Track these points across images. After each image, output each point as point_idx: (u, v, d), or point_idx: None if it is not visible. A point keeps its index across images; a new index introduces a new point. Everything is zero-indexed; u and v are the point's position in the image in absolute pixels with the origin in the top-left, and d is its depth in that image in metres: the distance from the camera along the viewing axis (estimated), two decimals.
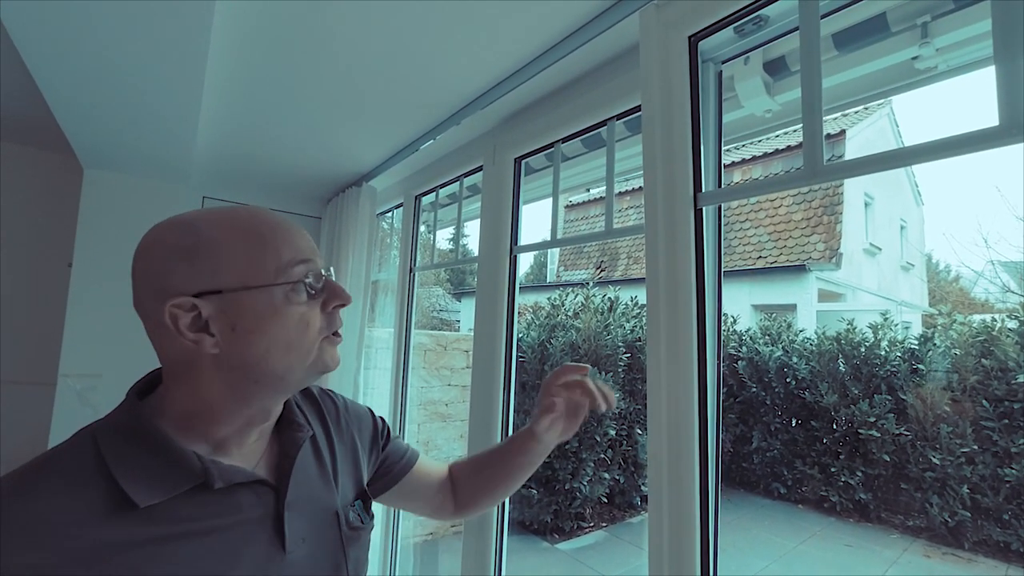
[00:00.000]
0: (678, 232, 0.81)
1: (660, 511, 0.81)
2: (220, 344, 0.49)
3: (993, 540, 3.79)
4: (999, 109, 0.51)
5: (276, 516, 0.53)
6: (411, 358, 1.98)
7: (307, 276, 0.53)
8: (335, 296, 0.55)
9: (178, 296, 0.48)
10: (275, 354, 0.51)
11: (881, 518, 4.46)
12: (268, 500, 0.53)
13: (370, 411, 0.77)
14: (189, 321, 0.49)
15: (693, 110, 0.83)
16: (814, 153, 0.68)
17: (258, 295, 0.50)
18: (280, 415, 0.60)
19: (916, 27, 0.84)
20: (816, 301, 6.75)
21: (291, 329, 0.51)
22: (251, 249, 0.50)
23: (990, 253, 8.84)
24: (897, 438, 4.31)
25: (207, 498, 0.49)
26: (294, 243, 0.53)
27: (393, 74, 1.20)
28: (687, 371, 0.80)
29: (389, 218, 2.43)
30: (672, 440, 0.80)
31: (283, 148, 1.80)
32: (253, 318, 0.50)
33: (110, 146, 1.63)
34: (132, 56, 1.05)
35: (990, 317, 4.27)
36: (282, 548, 0.52)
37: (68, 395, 1.77)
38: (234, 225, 0.51)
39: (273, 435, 0.59)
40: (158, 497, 0.46)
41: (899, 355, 4.52)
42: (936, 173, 30.97)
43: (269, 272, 0.50)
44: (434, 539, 3.94)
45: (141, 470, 0.47)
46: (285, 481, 0.55)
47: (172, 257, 0.49)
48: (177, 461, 0.48)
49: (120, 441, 0.48)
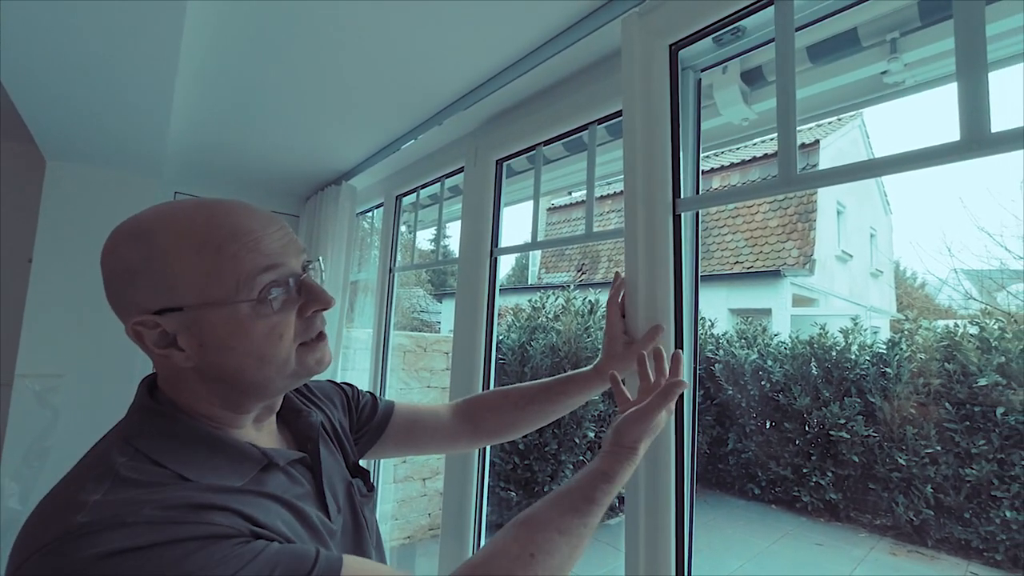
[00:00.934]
0: (657, 237, 0.82)
1: (636, 513, 0.81)
2: (192, 358, 0.48)
3: (955, 538, 3.95)
4: (960, 124, 0.52)
5: (318, 490, 0.56)
6: (390, 359, 1.95)
7: (273, 287, 0.49)
8: (314, 300, 0.52)
9: (140, 313, 0.46)
10: (249, 367, 0.49)
11: (850, 517, 4.59)
12: (307, 476, 0.56)
13: (331, 382, 0.78)
14: (156, 337, 0.47)
15: (673, 117, 0.84)
16: (788, 162, 0.70)
17: (220, 311, 0.47)
18: (281, 406, 0.61)
19: (885, 43, 0.87)
20: (790, 306, 6.93)
21: (261, 343, 0.49)
22: (208, 262, 0.46)
23: (953, 261, 9.24)
24: (866, 439, 4.45)
25: (274, 475, 0.51)
26: (258, 248, 0.48)
27: (375, 71, 1.18)
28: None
29: (370, 217, 2.40)
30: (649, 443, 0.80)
31: (260, 143, 1.76)
32: (220, 335, 0.47)
33: (76, 137, 1.56)
34: (100, 41, 1.01)
35: (953, 323, 4.44)
36: (328, 519, 0.55)
37: (26, 396, 1.69)
38: (190, 233, 0.47)
39: (281, 424, 0.61)
40: (242, 480, 0.48)
41: (868, 359, 4.67)
42: (904, 184, 32.23)
43: (229, 287, 0.47)
44: (411, 543, 3.90)
45: (212, 468, 0.47)
46: (316, 459, 0.58)
47: (128, 271, 0.47)
48: (237, 452, 0.50)
49: (177, 448, 0.47)
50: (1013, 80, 1.31)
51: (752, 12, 0.76)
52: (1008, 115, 0.68)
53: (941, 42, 0.84)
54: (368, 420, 0.76)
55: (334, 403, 0.73)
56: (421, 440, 0.82)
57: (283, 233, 0.52)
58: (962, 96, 0.52)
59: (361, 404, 0.77)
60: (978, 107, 0.50)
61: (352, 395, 0.77)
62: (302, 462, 0.56)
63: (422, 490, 4.02)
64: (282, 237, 0.51)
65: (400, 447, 0.81)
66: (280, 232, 0.51)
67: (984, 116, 0.50)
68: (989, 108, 0.50)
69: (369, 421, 0.76)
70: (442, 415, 0.83)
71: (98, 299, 0.49)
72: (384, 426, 0.77)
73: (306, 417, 0.62)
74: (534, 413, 0.83)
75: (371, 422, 0.76)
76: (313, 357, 0.53)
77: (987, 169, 23.75)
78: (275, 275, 0.49)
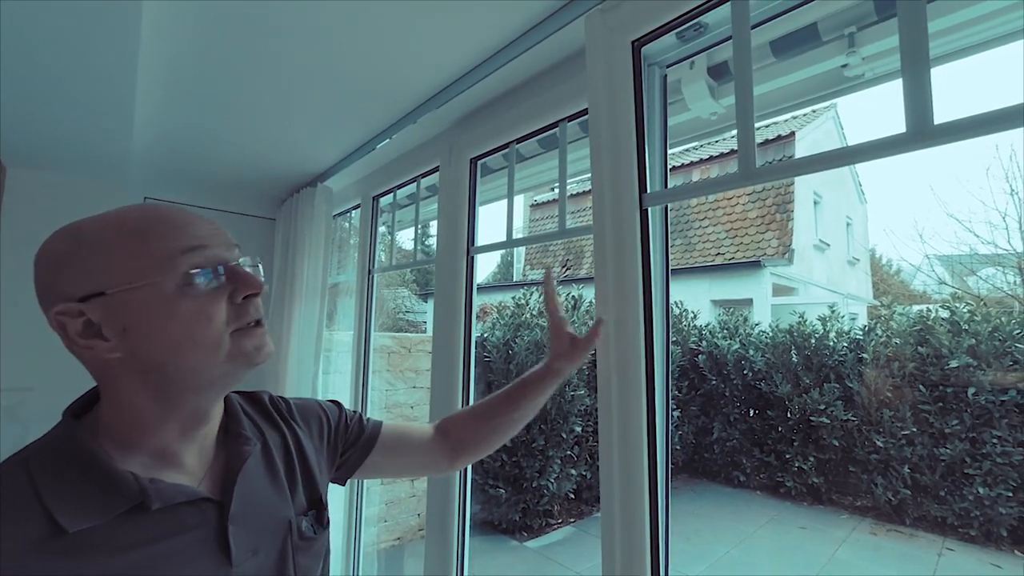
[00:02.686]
0: (624, 232, 0.83)
1: (611, 509, 0.82)
2: (117, 348, 0.47)
3: (931, 515, 4.07)
4: (905, 117, 0.55)
5: (220, 531, 0.51)
6: (374, 361, 1.94)
7: (198, 265, 0.48)
8: (243, 285, 0.51)
9: (62, 302, 0.46)
10: (178, 352, 0.48)
11: (832, 500, 4.71)
12: (211, 515, 0.52)
13: (317, 403, 0.76)
14: (80, 327, 0.47)
15: (637, 113, 0.85)
16: (748, 156, 0.71)
17: (143, 292, 0.46)
18: (226, 426, 0.58)
19: (844, 37, 0.89)
20: (771, 295, 7.06)
21: (188, 324, 0.48)
22: (132, 244, 0.47)
23: (926, 248, 9.52)
24: (845, 424, 4.56)
25: (146, 519, 0.47)
26: (184, 231, 0.49)
27: (346, 69, 1.17)
28: (635, 368, 0.81)
29: (349, 218, 2.37)
30: (622, 437, 0.82)
31: (231, 146, 1.72)
32: (143, 318, 0.47)
33: (36, 143, 1.52)
34: (56, 44, 0.98)
35: (926, 307, 4.57)
36: (228, 562, 0.51)
37: None
38: (117, 222, 0.48)
39: (219, 446, 0.57)
40: (91, 521, 0.44)
41: (846, 345, 4.78)
42: (877, 173, 33.07)
43: (152, 267, 0.47)
44: (400, 544, 3.89)
45: (74, 494, 0.45)
46: (229, 495, 0.53)
47: (55, 263, 0.47)
48: (112, 482, 0.46)
49: (52, 465, 0.46)
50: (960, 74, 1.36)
51: (710, 8, 0.77)
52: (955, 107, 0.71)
53: (896, 36, 0.86)
54: (355, 441, 0.75)
55: (310, 427, 0.70)
56: (404, 458, 0.81)
57: (212, 226, 0.52)
58: (907, 91, 0.54)
59: (348, 424, 0.75)
60: (921, 101, 0.52)
61: (337, 417, 0.75)
62: (207, 499, 0.52)
63: (411, 491, 4.01)
64: (210, 228, 0.52)
65: (388, 468, 0.80)
66: (209, 225, 0.52)
67: (927, 109, 0.52)
68: (932, 102, 0.52)
69: (356, 442, 0.75)
70: (426, 434, 0.83)
71: None
72: (371, 446, 0.76)
73: (241, 444, 0.58)
74: (503, 423, 0.84)
75: (357, 442, 0.75)
76: (251, 343, 0.52)
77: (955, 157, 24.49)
78: (200, 257, 0.49)
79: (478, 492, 4.20)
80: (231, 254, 0.52)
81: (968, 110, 0.52)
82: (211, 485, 0.54)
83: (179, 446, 0.52)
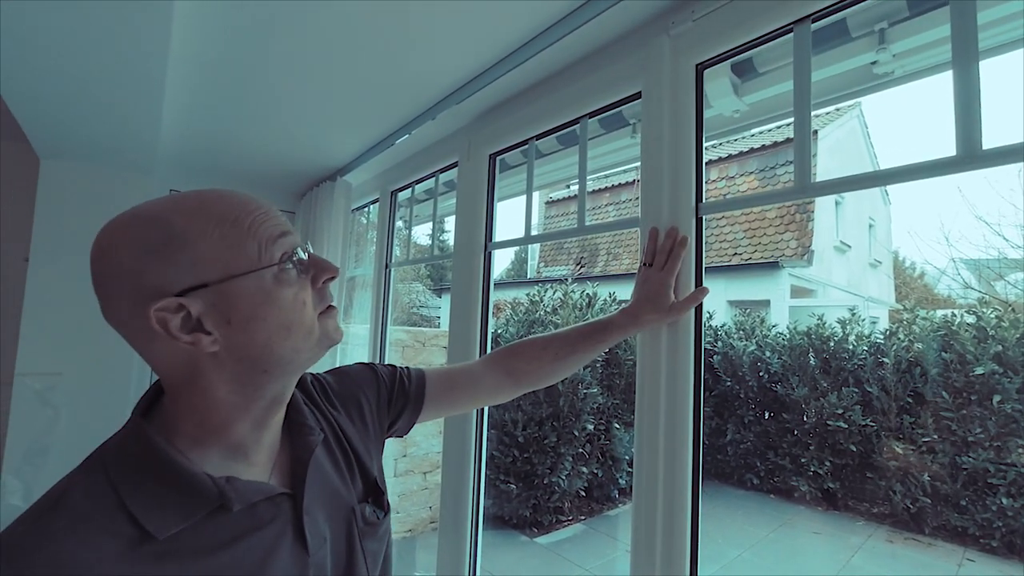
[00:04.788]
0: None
1: (653, 508, 0.83)
2: (219, 340, 0.46)
3: (952, 525, 3.98)
4: (956, 140, 0.59)
5: (296, 522, 0.52)
6: (389, 355, 1.96)
7: (292, 251, 0.50)
8: (323, 270, 0.52)
9: (161, 298, 0.44)
10: (278, 340, 0.48)
11: (848, 506, 4.63)
12: (286, 508, 0.52)
13: (361, 366, 0.76)
14: (179, 322, 0.45)
15: (697, 130, 0.88)
16: (804, 171, 0.75)
17: (246, 282, 0.46)
18: (288, 416, 0.58)
19: (874, 33, 0.87)
20: (788, 297, 6.94)
21: (288, 311, 0.49)
22: (228, 234, 0.46)
23: (951, 251, 9.24)
24: (863, 429, 4.48)
25: (226, 518, 0.47)
26: (270, 218, 0.50)
27: (369, 67, 1.18)
28: (684, 372, 0.83)
29: (367, 213, 2.40)
30: (668, 438, 0.83)
31: (254, 140, 1.75)
32: (247, 307, 0.46)
33: (68, 136, 1.56)
34: (89, 42, 1.01)
35: (951, 312, 4.45)
36: (305, 551, 0.52)
37: (26, 395, 1.70)
38: (205, 210, 0.46)
39: (284, 436, 0.57)
40: (177, 526, 0.45)
41: (866, 349, 4.68)
42: None
43: (252, 256, 0.47)
44: (412, 536, 3.93)
45: (155, 500, 0.45)
46: (300, 487, 0.54)
47: (143, 255, 0.44)
48: (190, 486, 0.46)
49: (130, 469, 0.46)
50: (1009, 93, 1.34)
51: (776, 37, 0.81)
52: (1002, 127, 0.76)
53: (929, 32, 0.84)
54: (405, 395, 0.76)
55: (349, 410, 0.69)
56: (460, 400, 0.82)
57: (280, 213, 0.53)
58: (958, 117, 0.58)
59: (391, 388, 0.75)
60: (971, 126, 0.57)
61: (387, 374, 0.76)
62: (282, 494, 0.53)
63: (423, 484, 4.05)
64: (277, 214, 0.52)
65: (440, 411, 0.80)
66: (278, 212, 0.53)
67: (976, 135, 0.57)
68: (982, 129, 0.57)
69: (406, 396, 0.76)
70: (477, 373, 0.84)
71: (95, 297, 0.48)
72: (422, 398, 0.77)
73: (306, 435, 0.58)
74: (574, 361, 0.86)
75: (408, 397, 0.76)
76: (333, 324, 0.54)
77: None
78: (289, 244, 0.50)
79: (489, 487, 4.22)
80: (301, 240, 0.53)
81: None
82: (280, 477, 0.55)
83: (251, 439, 0.52)
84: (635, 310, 0.84)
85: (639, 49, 0.95)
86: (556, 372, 0.86)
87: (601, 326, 0.86)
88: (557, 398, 4.24)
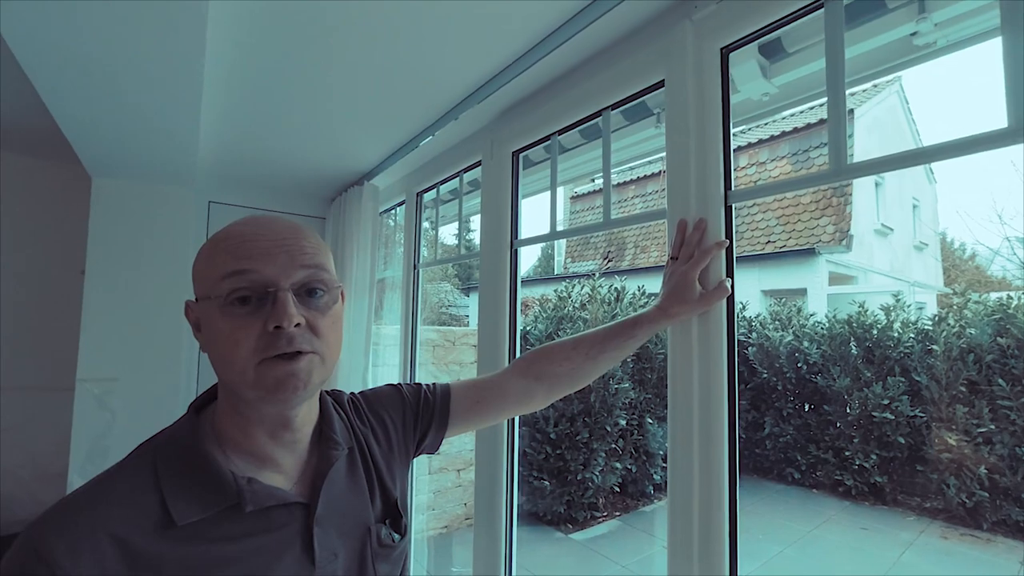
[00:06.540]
0: (710, 229, 0.85)
1: (689, 504, 0.82)
2: (203, 345, 0.54)
3: (1012, 520, 3.75)
4: (1008, 111, 0.56)
5: (306, 532, 0.54)
6: (420, 354, 2.00)
7: (237, 289, 0.49)
8: (272, 316, 0.49)
9: (193, 299, 0.55)
10: (220, 368, 0.52)
11: (897, 500, 4.43)
12: (299, 515, 0.54)
13: (387, 387, 0.76)
14: (191, 320, 0.56)
15: (724, 117, 0.86)
16: (839, 153, 0.72)
17: (205, 306, 0.52)
18: (320, 428, 0.60)
19: (913, 2, 0.83)
20: (827, 284, 6.67)
21: (223, 344, 0.50)
22: (208, 259, 0.53)
23: (1006, 229, 8.63)
24: (912, 420, 4.27)
25: (241, 516, 0.51)
26: (235, 252, 0.50)
27: (391, 72, 1.20)
28: (717, 365, 0.82)
29: (394, 215, 2.44)
30: (703, 433, 0.82)
31: (285, 150, 1.81)
32: (207, 329, 0.52)
33: (115, 155, 1.66)
34: (130, 66, 1.06)
35: (1006, 295, 4.19)
36: (311, 563, 0.53)
37: (87, 399, 1.81)
38: (217, 233, 0.55)
39: (313, 447, 0.59)
40: (195, 516, 0.49)
41: (912, 336, 4.46)
42: None
43: (208, 284, 0.51)
44: (448, 532, 3.99)
45: (184, 488, 0.49)
46: (316, 498, 0.55)
47: (194, 263, 0.56)
48: (216, 481, 0.50)
49: (174, 457, 0.51)
50: None
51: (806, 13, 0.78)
52: None
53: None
54: (431, 412, 0.75)
55: (375, 430, 0.69)
56: (489, 412, 0.81)
57: (276, 244, 0.51)
58: (1009, 86, 0.56)
59: (422, 399, 0.76)
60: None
61: (412, 393, 0.76)
62: (296, 502, 0.54)
63: (457, 481, 4.10)
64: (271, 247, 0.51)
65: (469, 424, 0.79)
66: (271, 243, 0.51)
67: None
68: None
69: (431, 413, 0.75)
70: (504, 382, 0.82)
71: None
72: (447, 413, 0.76)
73: (331, 448, 0.59)
74: (605, 359, 0.84)
75: (433, 413, 0.75)
76: (272, 375, 0.49)
77: None
78: (240, 281, 0.49)
79: (523, 484, 4.24)
80: (294, 277, 0.51)
81: None
82: (302, 487, 0.57)
83: (272, 448, 0.55)
84: (664, 304, 0.83)
85: (661, 37, 0.93)
86: (588, 372, 0.85)
87: (631, 322, 0.84)
88: (588, 394, 4.22)
